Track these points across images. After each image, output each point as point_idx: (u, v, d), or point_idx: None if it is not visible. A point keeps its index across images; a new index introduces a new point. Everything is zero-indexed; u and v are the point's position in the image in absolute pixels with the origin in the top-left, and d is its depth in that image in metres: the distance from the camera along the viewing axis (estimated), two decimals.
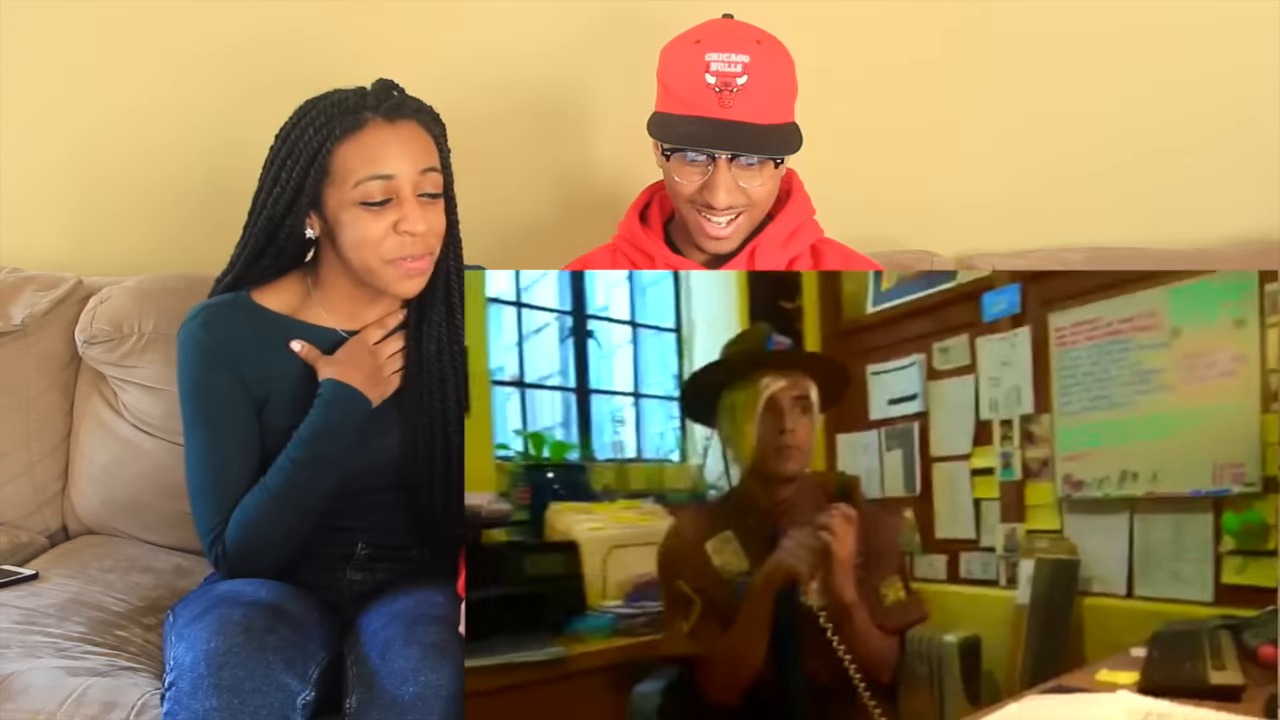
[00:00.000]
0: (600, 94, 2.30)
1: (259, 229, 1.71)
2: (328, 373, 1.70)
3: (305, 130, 1.65)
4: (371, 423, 1.73)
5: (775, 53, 1.67)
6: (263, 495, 1.66)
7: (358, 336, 1.74)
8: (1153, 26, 2.26)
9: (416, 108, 1.70)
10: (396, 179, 1.64)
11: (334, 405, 1.68)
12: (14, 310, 2.17)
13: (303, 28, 2.29)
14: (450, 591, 1.66)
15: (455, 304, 1.77)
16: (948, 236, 2.29)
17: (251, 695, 1.47)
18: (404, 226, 1.65)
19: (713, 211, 1.68)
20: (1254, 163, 2.29)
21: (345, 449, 1.68)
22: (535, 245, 2.31)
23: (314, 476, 1.66)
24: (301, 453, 1.66)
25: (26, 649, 1.72)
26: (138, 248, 2.35)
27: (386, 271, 1.67)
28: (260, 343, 1.72)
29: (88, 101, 2.35)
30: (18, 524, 2.17)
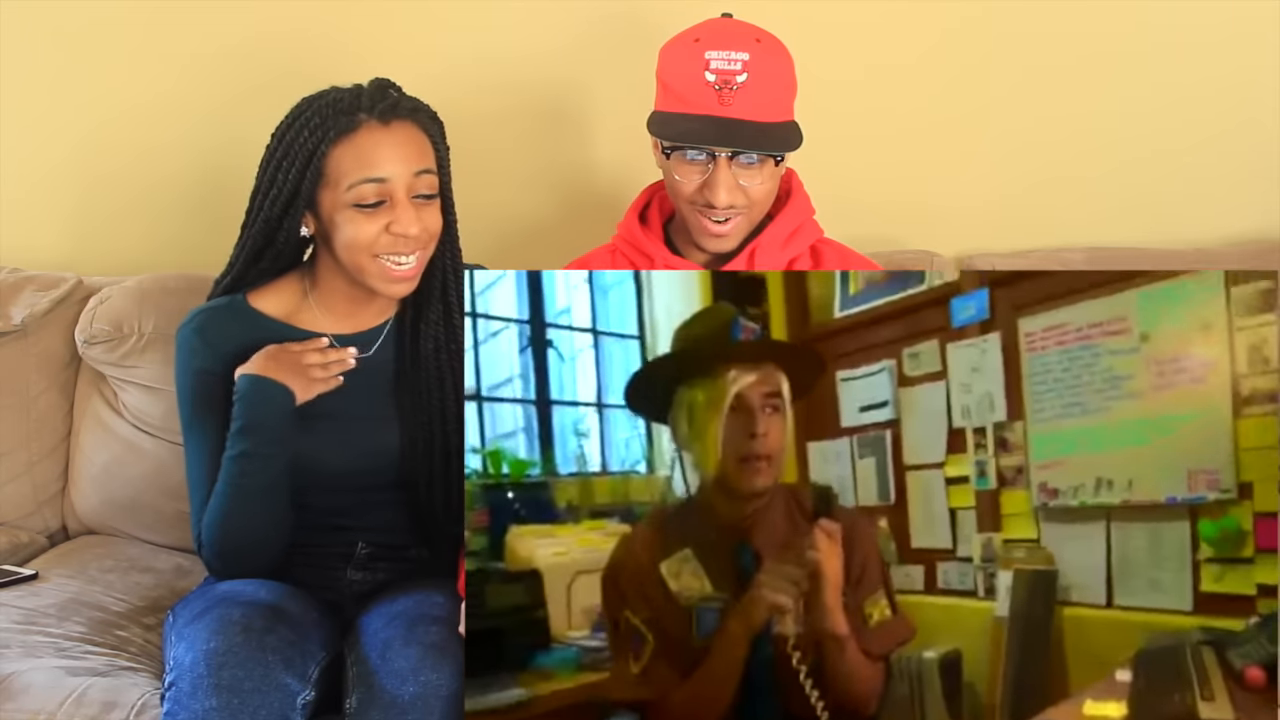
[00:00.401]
0: (600, 94, 2.30)
1: (257, 231, 1.72)
2: (244, 370, 1.68)
3: (300, 132, 1.65)
4: (370, 422, 1.74)
5: (775, 51, 1.67)
6: (215, 498, 1.67)
7: (277, 345, 1.71)
8: (1153, 27, 2.26)
9: (412, 107, 1.69)
10: (390, 182, 1.64)
11: (249, 399, 1.66)
12: (14, 310, 2.17)
13: (302, 28, 2.29)
14: (450, 591, 1.66)
15: (452, 302, 1.77)
16: (948, 237, 2.29)
17: (251, 695, 1.47)
18: (396, 229, 1.65)
19: (713, 211, 1.68)
20: (1254, 163, 2.29)
21: (272, 441, 1.66)
22: (535, 245, 2.31)
23: (249, 473, 1.65)
24: (231, 450, 1.66)
25: (26, 649, 1.72)
26: (138, 248, 2.35)
27: (375, 272, 1.67)
28: (253, 347, 1.72)
29: (87, 101, 2.35)
30: (18, 524, 2.17)
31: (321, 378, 1.70)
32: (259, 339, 1.72)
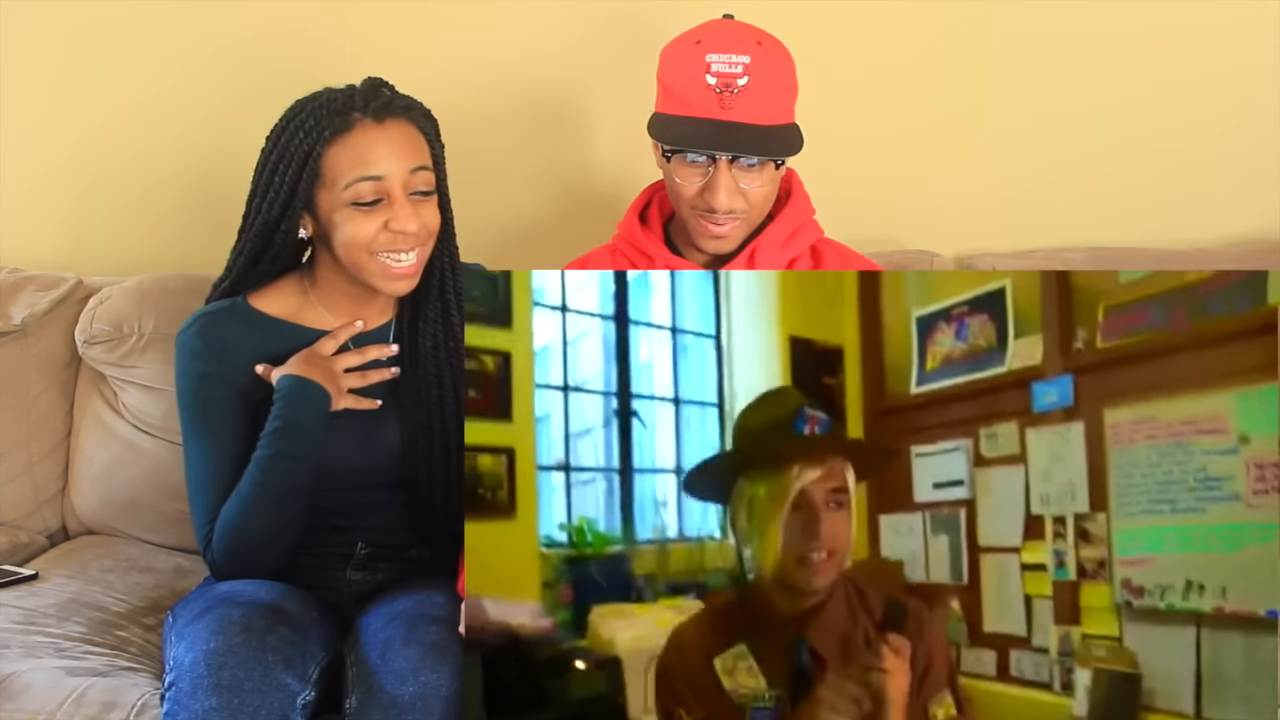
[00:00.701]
0: (600, 95, 2.30)
1: (254, 234, 1.72)
2: (283, 372, 1.70)
3: (295, 134, 1.66)
4: (370, 420, 1.74)
5: (776, 53, 1.67)
6: (237, 498, 1.67)
7: (311, 348, 1.73)
8: (1153, 27, 2.26)
9: (406, 105, 1.70)
10: (386, 179, 1.65)
11: (291, 399, 1.67)
12: (14, 310, 2.17)
13: (300, 28, 2.29)
14: (450, 591, 1.66)
15: (450, 300, 1.77)
16: (948, 237, 2.29)
17: (251, 695, 1.47)
18: (395, 225, 1.65)
19: (713, 214, 1.68)
20: (1254, 163, 2.29)
21: (307, 444, 1.67)
22: (535, 246, 2.31)
23: (278, 474, 1.66)
24: (264, 450, 1.66)
25: (26, 649, 1.72)
26: (138, 248, 2.35)
27: (376, 270, 1.68)
28: (257, 348, 1.72)
29: (86, 100, 2.35)
30: (18, 524, 2.17)
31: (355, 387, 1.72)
32: (263, 340, 1.73)
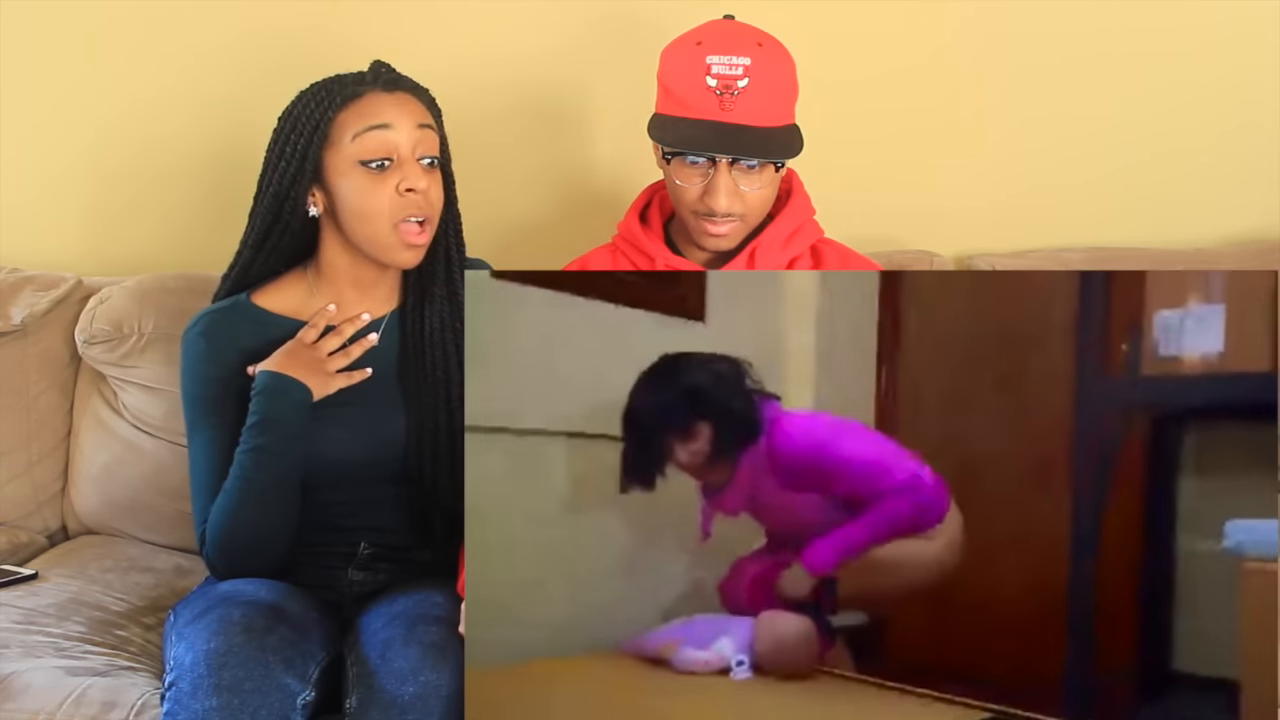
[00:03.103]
0: (600, 94, 2.30)
1: (265, 206, 1.73)
2: (263, 367, 1.70)
3: (307, 105, 1.70)
4: (375, 409, 1.74)
5: (777, 55, 1.67)
6: (223, 495, 1.68)
7: (293, 339, 1.73)
8: (1152, 28, 2.26)
9: (413, 85, 1.74)
10: (394, 129, 1.67)
11: (268, 394, 1.67)
12: (14, 310, 2.17)
13: (300, 28, 2.28)
14: (450, 591, 1.67)
15: (456, 280, 1.78)
16: (948, 237, 2.29)
17: (251, 695, 1.47)
18: (406, 185, 1.67)
19: (713, 216, 1.68)
20: (1254, 163, 2.29)
21: (287, 439, 1.67)
22: (535, 245, 2.31)
23: (259, 468, 1.66)
24: (244, 446, 1.67)
25: (26, 649, 1.72)
26: (139, 247, 2.35)
27: (391, 237, 1.69)
28: (261, 346, 1.72)
29: (90, 100, 2.35)
30: (18, 524, 2.17)
31: (342, 366, 1.72)
32: (268, 337, 1.73)
